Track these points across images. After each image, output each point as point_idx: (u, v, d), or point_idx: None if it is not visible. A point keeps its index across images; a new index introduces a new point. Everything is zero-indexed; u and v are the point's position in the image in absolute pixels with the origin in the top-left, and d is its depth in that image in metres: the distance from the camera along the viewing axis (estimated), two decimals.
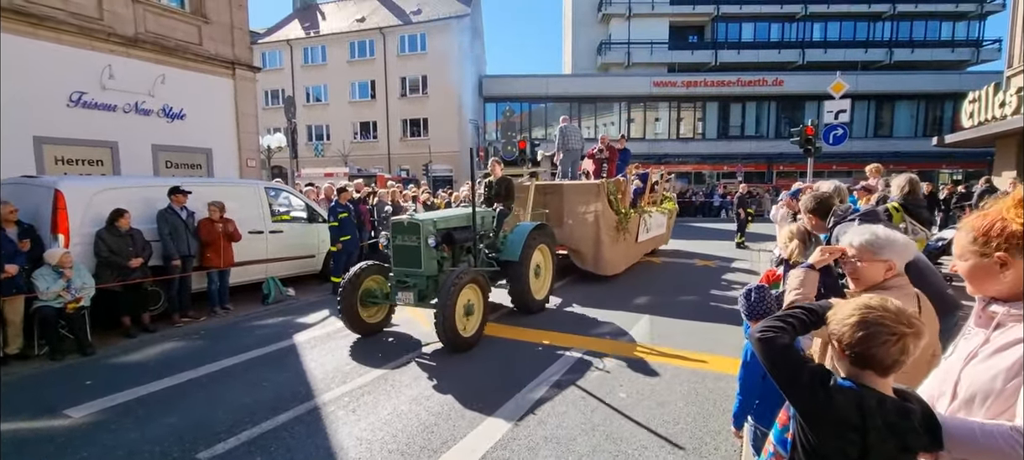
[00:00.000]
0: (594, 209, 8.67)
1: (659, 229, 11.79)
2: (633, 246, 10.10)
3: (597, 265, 8.82)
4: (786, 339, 1.44)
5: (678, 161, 31.94)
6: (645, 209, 10.68)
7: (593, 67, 36.30)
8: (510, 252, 6.64)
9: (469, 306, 5.38)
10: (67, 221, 5.85)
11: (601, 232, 8.67)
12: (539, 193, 9.19)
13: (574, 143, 10.64)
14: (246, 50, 12.10)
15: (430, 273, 5.72)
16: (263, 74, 17.52)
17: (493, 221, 7.09)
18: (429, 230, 5.67)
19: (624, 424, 3.74)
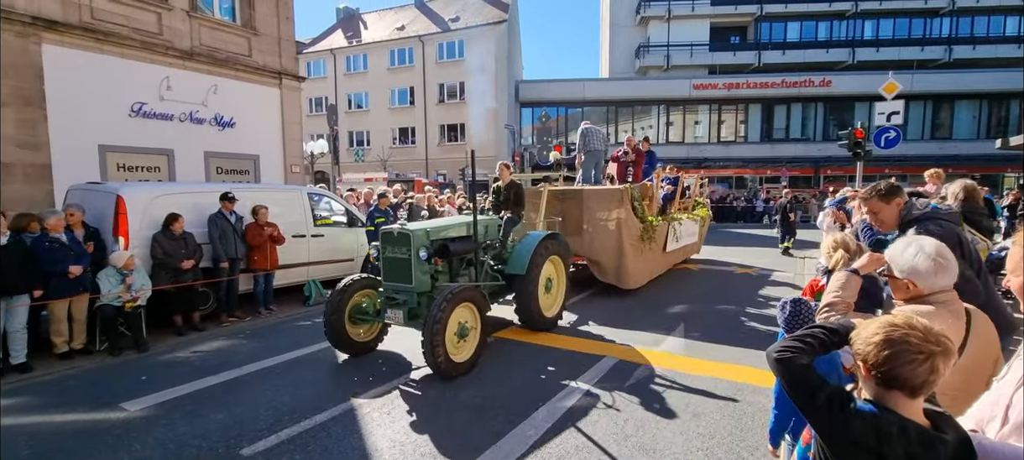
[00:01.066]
0: (616, 216, 8.02)
1: (690, 237, 11.03)
2: (660, 256, 9.45)
3: (619, 277, 8.18)
4: (804, 359, 1.41)
5: (719, 165, 31.19)
6: (675, 216, 10.00)
7: (631, 70, 35.87)
8: (516, 265, 6.03)
9: (463, 328, 4.86)
10: (127, 225, 6.23)
11: (623, 242, 8.02)
12: (556, 199, 8.54)
13: (596, 144, 9.90)
14: (292, 60, 12.59)
15: (422, 289, 5.17)
16: (308, 82, 18.17)
17: (499, 231, 6.55)
18: (421, 241, 5.14)
19: (658, 435, 3.68)
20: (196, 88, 10.46)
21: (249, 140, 11.49)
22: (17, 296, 5.01)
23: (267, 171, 11.87)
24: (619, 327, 6.50)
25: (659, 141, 32.43)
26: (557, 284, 6.73)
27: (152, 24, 9.85)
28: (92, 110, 8.91)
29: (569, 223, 8.29)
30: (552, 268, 6.60)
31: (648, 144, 11.17)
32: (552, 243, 6.46)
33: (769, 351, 1.50)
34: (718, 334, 6.15)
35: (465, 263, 5.92)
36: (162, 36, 9.96)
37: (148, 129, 9.75)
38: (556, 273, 6.70)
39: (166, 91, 9.96)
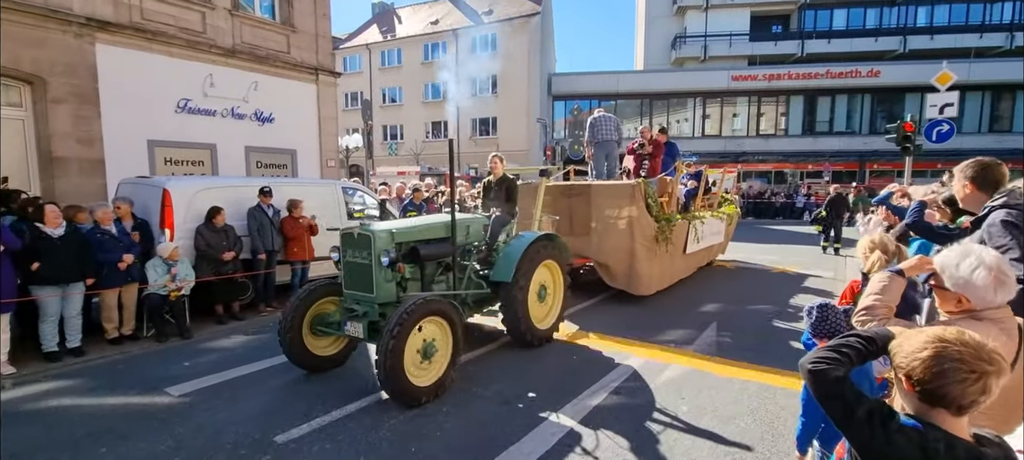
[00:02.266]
0: (627, 214, 7.27)
1: (715, 237, 10.09)
2: (679, 259, 8.60)
3: (630, 282, 7.41)
4: (839, 371, 1.35)
5: (757, 159, 30.30)
6: (697, 214, 9.18)
7: (667, 62, 35.12)
8: (501, 271, 5.32)
9: (428, 346, 4.17)
10: (173, 217, 6.53)
11: (635, 242, 7.26)
12: (562, 196, 7.94)
13: (605, 134, 8.94)
14: (328, 57, 12.87)
15: (385, 299, 4.48)
16: (343, 77, 18.57)
17: (484, 231, 5.79)
18: (383, 244, 4.46)
19: (684, 438, 3.63)
20: (237, 84, 10.81)
21: (287, 135, 11.83)
22: (73, 284, 5.33)
23: (304, 165, 12.20)
24: (648, 326, 6.40)
25: (694, 134, 31.73)
26: (553, 292, 5.98)
27: (196, 23, 10.23)
28: (141, 107, 9.34)
29: (576, 221, 7.73)
30: (547, 274, 5.88)
31: (666, 135, 10.19)
32: (547, 245, 5.73)
33: (803, 362, 1.45)
34: (751, 335, 6.00)
35: (442, 268, 5.23)
36: (206, 34, 10.33)
37: (193, 124, 10.16)
38: (552, 280, 5.97)
39: (209, 88, 10.35)
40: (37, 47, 8.04)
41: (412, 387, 3.99)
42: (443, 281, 5.20)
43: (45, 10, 8.08)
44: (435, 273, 5.15)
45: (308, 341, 4.70)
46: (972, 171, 2.63)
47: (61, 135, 8.34)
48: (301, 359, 4.68)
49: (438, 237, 5.07)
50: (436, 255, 4.98)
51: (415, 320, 3.97)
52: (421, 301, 4.10)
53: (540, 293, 5.71)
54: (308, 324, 4.70)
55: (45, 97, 8.20)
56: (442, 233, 5.08)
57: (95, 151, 8.75)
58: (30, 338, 5.32)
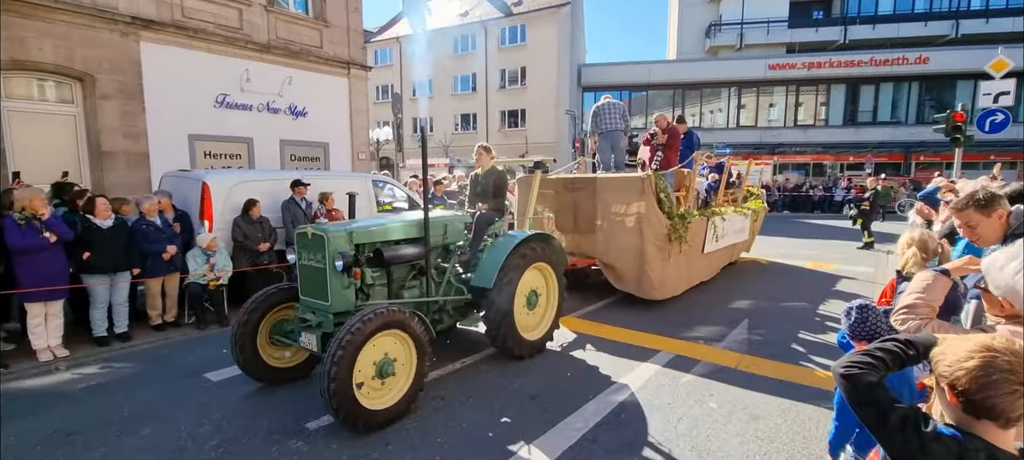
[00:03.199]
0: (635, 211, 6.65)
1: (738, 234, 9.34)
2: (697, 259, 7.85)
3: (639, 286, 6.77)
4: (873, 377, 1.30)
5: (795, 151, 29.32)
6: (716, 210, 8.47)
7: (701, 51, 34.23)
8: (481, 275, 4.80)
9: (386, 364, 3.66)
10: (211, 209, 6.77)
11: (645, 241, 6.61)
12: (565, 190, 7.34)
13: (609, 123, 8.14)
14: (360, 51, 13.06)
15: (341, 308, 3.99)
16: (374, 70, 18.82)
17: (465, 230, 5.21)
18: (338, 245, 3.97)
19: (711, 436, 3.57)
20: (273, 79, 11.10)
21: (320, 128, 12.09)
22: (120, 273, 5.60)
23: (336, 158, 12.45)
24: (677, 321, 6.32)
25: (729, 125, 30.91)
26: (546, 298, 5.42)
27: (234, 19, 10.53)
28: (182, 102, 9.70)
29: (581, 218, 7.20)
30: (539, 278, 5.33)
31: (685, 124, 9.44)
32: (538, 247, 5.18)
33: (835, 366, 1.40)
34: (785, 333, 5.84)
35: (416, 272, 4.72)
36: (243, 31, 10.63)
37: (230, 119, 10.49)
38: (545, 284, 5.41)
39: (246, 83, 10.66)
40: (87, 46, 8.43)
41: (363, 410, 3.48)
42: (416, 287, 4.66)
43: (94, 10, 8.46)
44: (406, 278, 4.64)
45: (266, 351, 4.33)
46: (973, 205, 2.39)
47: (109, 130, 8.75)
48: (256, 370, 4.25)
49: (408, 237, 4.55)
50: (405, 258, 4.44)
51: (368, 334, 3.45)
52: (377, 311, 3.55)
53: (530, 299, 5.16)
54: (266, 332, 4.32)
55: (94, 93, 8.60)
56: (413, 233, 4.56)
57: (140, 145, 9.14)
58: (82, 323, 5.63)
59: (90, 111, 8.65)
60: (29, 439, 3.58)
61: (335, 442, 3.48)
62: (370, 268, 4.29)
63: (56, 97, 8.48)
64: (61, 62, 8.18)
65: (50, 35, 8.03)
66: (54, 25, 8.06)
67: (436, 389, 4.34)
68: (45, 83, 8.38)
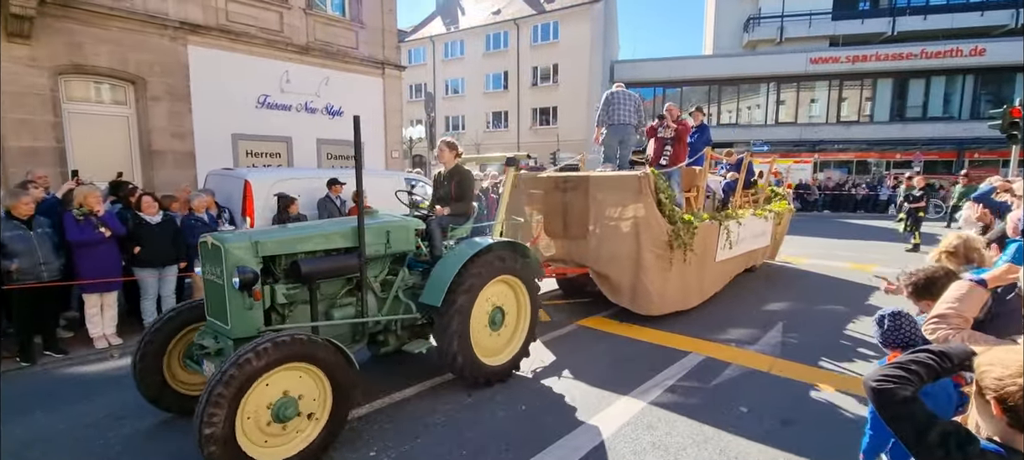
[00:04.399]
0: (632, 214, 5.94)
1: (758, 239, 8.44)
2: (707, 269, 6.99)
3: (634, 299, 6.09)
4: (907, 391, 1.26)
5: (837, 148, 28.25)
6: (731, 213, 7.63)
7: (738, 46, 33.37)
8: (430, 292, 4.12)
9: (283, 407, 3.02)
10: (253, 206, 7.05)
11: (642, 249, 5.90)
12: (554, 188, 6.65)
13: (622, 116, 7.29)
14: (394, 51, 13.30)
15: (243, 332, 3.32)
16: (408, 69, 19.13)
17: (414, 238, 4.34)
18: (237, 258, 3.29)
19: (741, 441, 3.53)
20: (311, 80, 11.43)
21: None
22: (168, 266, 5.91)
23: (370, 156, 12.73)
24: (708, 322, 6.23)
25: (767, 122, 30.00)
26: (517, 317, 4.72)
27: (274, 22, 10.89)
28: (226, 103, 10.10)
29: (572, 221, 6.49)
30: (506, 293, 4.62)
31: (701, 115, 8.52)
32: (505, 256, 4.47)
33: (867, 379, 1.36)
34: (820, 337, 5.69)
35: (348, 289, 4.01)
36: (283, 33, 10.98)
37: (271, 119, 10.87)
38: (515, 300, 4.71)
39: (286, 84, 11.01)
40: (139, 50, 8.88)
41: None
42: (351, 305, 3.98)
43: (145, 16, 8.90)
44: (338, 295, 3.94)
45: (175, 374, 3.78)
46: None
47: (159, 130, 9.20)
48: (158, 396, 3.66)
49: (337, 247, 3.84)
50: (331, 271, 3.75)
51: (256, 370, 2.83)
52: (275, 341, 2.92)
53: (493, 318, 4.47)
54: (178, 354, 3.78)
55: (145, 96, 9.06)
56: (344, 242, 3.87)
57: (187, 145, 9.58)
58: (134, 313, 5.98)
59: (142, 112, 9.11)
60: (82, 421, 3.84)
61: (366, 432, 3.60)
62: (287, 284, 3.60)
63: (111, 99, 8.97)
64: (115, 66, 8.65)
65: (106, 41, 8.49)
66: (110, 31, 8.53)
67: (465, 386, 4.41)
68: (101, 86, 8.88)
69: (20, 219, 4.85)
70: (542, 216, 6.80)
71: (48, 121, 7.97)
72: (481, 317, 4.37)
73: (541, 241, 6.79)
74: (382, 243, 4.08)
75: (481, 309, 4.34)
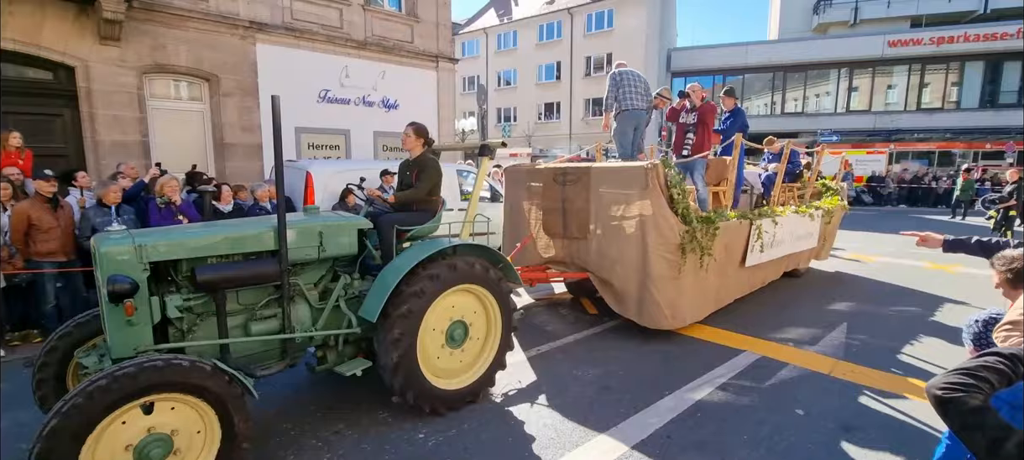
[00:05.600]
0: (637, 212, 5.15)
1: (801, 242, 7.31)
2: (733, 275, 6.20)
3: (641, 311, 5.29)
4: (977, 400, 1.18)
5: (916, 137, 26.19)
6: (767, 211, 6.67)
7: (807, 29, 31.52)
8: (367, 305, 3.53)
9: (148, 448, 2.52)
10: (314, 196, 7.42)
11: (649, 253, 5.10)
12: (553, 181, 5.92)
13: (634, 100, 6.47)
14: (447, 44, 13.51)
15: (122, 352, 2.81)
16: (462, 62, 19.38)
17: (359, 240, 3.71)
18: (113, 264, 2.77)
19: (796, 444, 3.39)
20: (368, 74, 11.83)
21: (409, 120, 12.69)
22: None
23: None
24: (765, 319, 5.99)
25: (837, 110, 28.19)
26: (486, 333, 4.10)
27: (335, 19, 11.32)
28: (290, 97, 10.60)
29: (572, 219, 5.78)
30: (473, 305, 3.99)
31: (733, 99, 7.33)
32: (471, 262, 3.82)
33: (930, 387, 1.27)
34: (889, 340, 5.34)
35: (269, 301, 3.39)
36: (342, 30, 11.40)
37: (331, 112, 11.34)
38: (483, 314, 4.07)
39: (345, 79, 11.45)
40: (213, 49, 9.48)
41: None
42: (273, 318, 3.38)
43: (219, 17, 9.49)
44: (259, 305, 3.34)
45: None
46: None
47: (230, 124, 9.82)
48: None
49: (251, 251, 3.25)
50: (239, 279, 3.17)
51: (96, 411, 2.31)
52: (135, 369, 2.40)
53: (452, 335, 3.84)
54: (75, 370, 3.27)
55: (219, 92, 9.68)
56: (260, 244, 3.26)
57: (255, 137, 10.17)
58: None
59: (215, 108, 9.75)
60: None
61: (402, 420, 3.73)
62: (186, 295, 3.06)
63: (189, 96, 9.66)
64: (192, 65, 9.29)
65: (184, 41, 9.13)
66: (188, 32, 9.16)
67: (515, 371, 4.46)
68: (180, 83, 9.56)
69: (108, 206, 5.34)
70: (541, 213, 6.14)
71: (135, 117, 8.68)
72: (435, 332, 3.75)
73: (539, 241, 6.21)
74: (313, 246, 3.45)
75: (436, 322, 3.73)
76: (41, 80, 8.10)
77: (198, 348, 3.03)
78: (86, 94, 8.24)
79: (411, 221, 4.01)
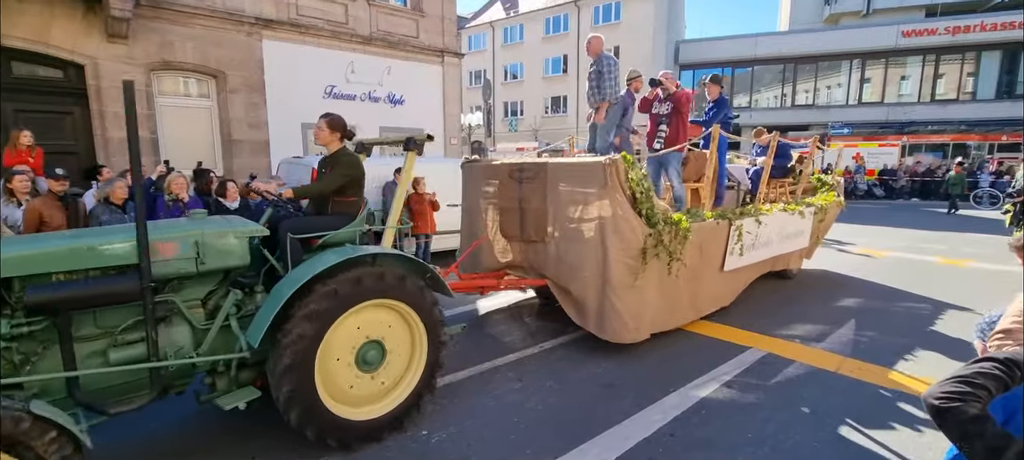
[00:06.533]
0: (596, 213, 4.67)
1: (789, 242, 6.79)
2: (709, 281, 5.65)
3: (602, 323, 4.75)
4: (974, 408, 1.15)
5: (930, 129, 25.78)
6: (749, 210, 6.13)
7: (818, 20, 31.06)
8: (252, 328, 3.02)
9: None
10: None
11: (609, 259, 4.59)
12: (510, 178, 5.38)
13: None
14: (453, 39, 13.49)
15: None
16: (468, 56, 19.34)
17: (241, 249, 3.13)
18: None
19: (801, 442, 3.36)
20: (374, 70, 11.85)
21: (415, 115, 12.73)
22: None
23: (429, 143, 13.03)
24: (771, 316, 5.93)
25: (849, 102, 27.79)
26: (410, 355, 3.55)
27: (340, 15, 11.33)
28: (296, 93, 10.67)
29: (530, 221, 5.24)
30: (393, 324, 3.43)
31: (718, 86, 6.78)
32: (390, 274, 3.30)
33: (926, 396, 1.24)
34: (899, 336, 5.27)
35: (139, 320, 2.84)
36: (348, 25, 11.41)
37: (337, 108, 11.21)
38: (407, 334, 3.53)
39: (351, 74, 11.48)
40: (219, 46, 9.54)
41: None
42: (141, 343, 2.84)
43: (225, 13, 9.54)
44: (120, 328, 2.83)
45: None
46: None
47: (237, 120, 9.88)
48: None
49: (104, 266, 2.73)
50: (83, 299, 2.64)
51: None
52: None
53: (363, 357, 3.30)
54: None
55: (226, 88, 9.74)
56: (116, 258, 2.74)
57: (262, 134, 10.23)
58: None
59: (222, 104, 9.81)
60: None
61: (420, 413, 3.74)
62: (19, 318, 2.56)
63: (197, 92, 9.72)
64: (199, 61, 9.35)
65: (191, 38, 9.19)
66: (194, 28, 9.21)
67: (517, 369, 4.46)
68: (188, 80, 9.64)
69: (116, 204, 5.39)
70: (498, 214, 5.61)
71: (143, 114, 8.76)
72: (341, 353, 3.21)
73: (496, 244, 5.71)
74: (188, 258, 2.93)
75: (341, 345, 3.20)
76: (51, 78, 8.19)
77: (40, 382, 2.54)
78: (95, 91, 8.33)
79: (321, 226, 3.55)
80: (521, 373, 4.45)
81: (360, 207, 3.78)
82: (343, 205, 3.70)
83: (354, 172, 3.71)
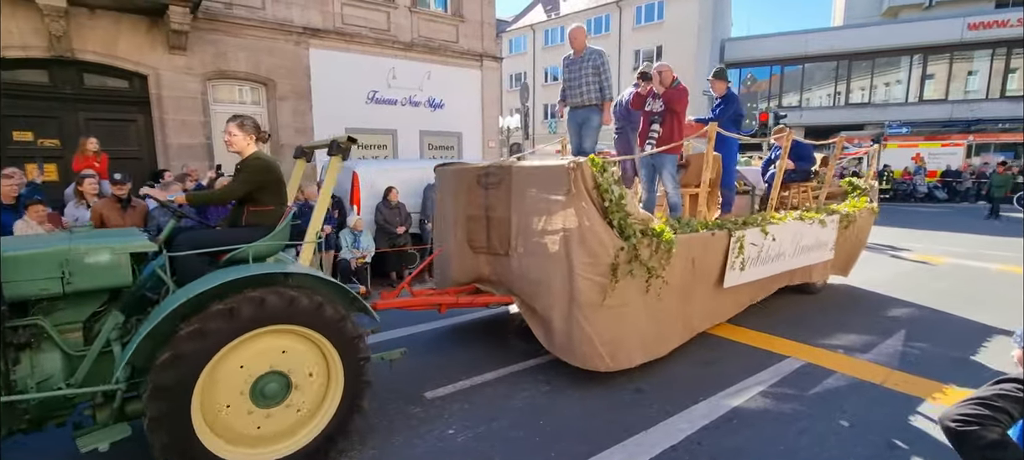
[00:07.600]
0: (561, 223, 4.13)
1: (807, 254, 6.08)
2: (704, 298, 5.05)
3: (570, 346, 4.22)
4: (994, 433, 1.12)
5: (999, 128, 24.04)
6: (755, 219, 5.51)
7: (875, 14, 29.55)
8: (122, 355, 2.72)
9: None
10: (360, 195, 7.71)
11: (575, 275, 4.05)
12: (476, 185, 4.90)
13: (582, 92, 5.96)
14: (492, 43, 13.64)
15: None
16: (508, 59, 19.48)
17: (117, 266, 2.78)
18: None
19: (838, 457, 3.23)
20: (414, 75, 12.13)
21: (454, 119, 12.95)
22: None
23: (468, 146, 13.23)
24: (813, 324, 5.71)
25: (908, 100, 26.28)
26: (325, 388, 3.12)
27: (383, 22, 11.67)
28: (340, 99, 11.06)
29: (494, 233, 4.75)
30: (302, 354, 3.00)
31: (725, 83, 6.21)
32: (301, 297, 2.88)
33: (943, 418, 1.21)
34: (951, 349, 4.98)
35: None
36: (390, 32, 11.74)
37: (378, 113, 11.72)
38: (323, 366, 3.10)
39: (392, 80, 11.80)
40: (269, 55, 10.01)
41: None
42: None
43: (275, 23, 10.01)
44: None
45: None
46: None
47: (285, 126, 10.34)
48: None
49: None
50: None
51: None
52: None
53: (263, 391, 2.89)
54: None
55: (275, 95, 10.21)
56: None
57: (308, 139, 10.65)
58: None
59: (272, 111, 10.29)
60: None
61: (445, 411, 3.84)
62: None
63: (250, 100, 10.24)
64: (251, 70, 9.85)
65: (244, 48, 9.69)
66: (246, 39, 9.71)
67: (544, 373, 4.49)
68: (242, 88, 10.16)
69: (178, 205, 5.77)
70: (466, 222, 5.11)
71: (199, 121, 9.32)
72: (231, 386, 2.80)
73: (465, 256, 5.23)
74: (52, 278, 2.62)
75: (234, 374, 2.80)
76: (118, 88, 8.84)
77: None
78: (157, 100, 8.92)
79: (226, 239, 3.17)
80: (550, 376, 4.47)
81: (280, 217, 3.33)
82: (259, 215, 3.28)
83: (263, 177, 3.28)
